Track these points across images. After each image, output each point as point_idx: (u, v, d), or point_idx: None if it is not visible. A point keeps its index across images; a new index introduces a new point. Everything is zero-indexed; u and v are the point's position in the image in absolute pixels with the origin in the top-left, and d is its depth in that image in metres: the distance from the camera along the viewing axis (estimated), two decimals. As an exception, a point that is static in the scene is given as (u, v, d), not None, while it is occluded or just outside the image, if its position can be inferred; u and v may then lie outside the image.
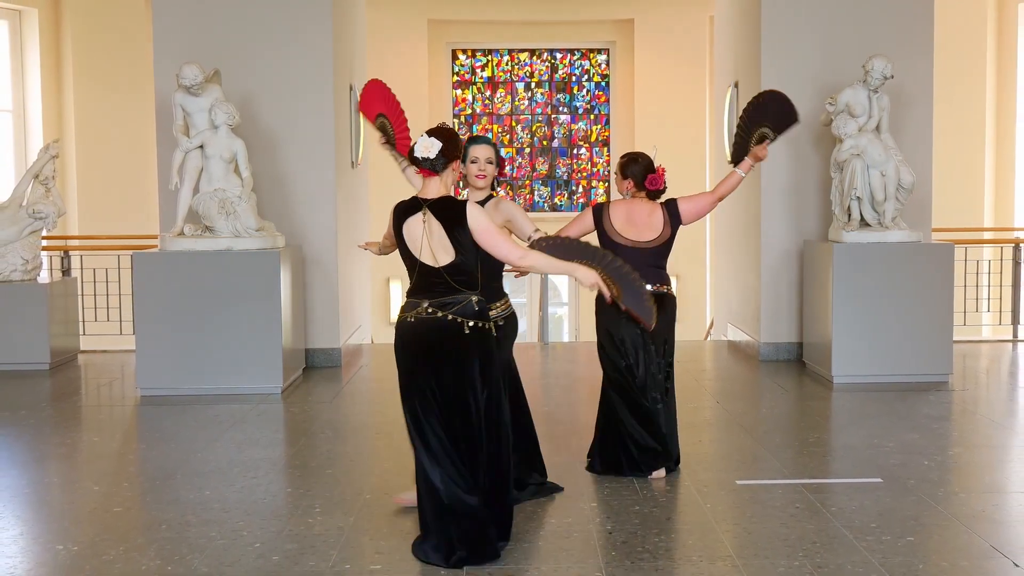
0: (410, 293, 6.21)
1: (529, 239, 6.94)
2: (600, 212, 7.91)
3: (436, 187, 6.17)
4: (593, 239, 7.42)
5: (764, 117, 8.30)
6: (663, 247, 7.80)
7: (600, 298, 7.30)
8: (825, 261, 11.35)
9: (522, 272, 6.49)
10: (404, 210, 6.19)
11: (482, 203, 6.91)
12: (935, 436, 8.99)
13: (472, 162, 6.93)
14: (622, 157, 8.02)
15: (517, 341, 6.96)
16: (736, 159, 8.33)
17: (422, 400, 6.12)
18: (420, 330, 6.13)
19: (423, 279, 6.16)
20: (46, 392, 11.39)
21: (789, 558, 6.06)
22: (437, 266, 6.12)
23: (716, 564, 6.00)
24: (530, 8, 22.95)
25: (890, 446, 8.56)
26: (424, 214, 6.11)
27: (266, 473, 7.93)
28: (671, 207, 7.86)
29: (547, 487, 7.30)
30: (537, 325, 16.83)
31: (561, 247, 6.69)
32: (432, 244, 6.11)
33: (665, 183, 7.86)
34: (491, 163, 6.91)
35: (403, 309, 6.22)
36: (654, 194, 7.87)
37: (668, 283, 7.82)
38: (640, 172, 7.85)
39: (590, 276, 6.24)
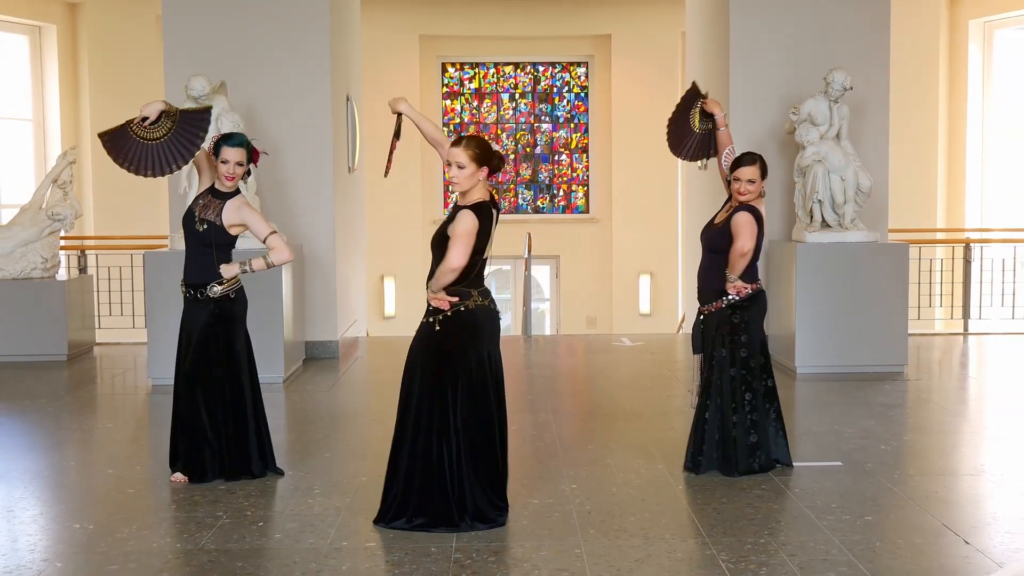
0: (455, 284, 6.24)
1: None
2: (760, 216, 7.35)
3: (484, 188, 6.31)
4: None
5: (685, 107, 8.34)
6: None
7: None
8: (789, 260, 11.37)
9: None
10: (488, 212, 6.24)
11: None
12: (891, 423, 9.01)
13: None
14: (750, 162, 7.36)
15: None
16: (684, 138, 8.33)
17: (468, 382, 6.27)
18: (481, 317, 6.31)
19: (477, 272, 6.28)
20: (64, 382, 11.37)
21: (756, 536, 6.07)
22: (486, 258, 6.32)
23: (687, 541, 6.01)
24: (515, 24, 22.95)
25: (850, 432, 8.58)
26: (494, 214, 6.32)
27: (269, 457, 7.92)
28: None
29: None
30: (521, 319, 16.82)
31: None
32: (492, 238, 6.33)
33: None
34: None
35: (468, 298, 6.27)
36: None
37: None
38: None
39: None
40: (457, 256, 6.10)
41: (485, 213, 6.20)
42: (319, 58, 12.24)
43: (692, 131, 8.18)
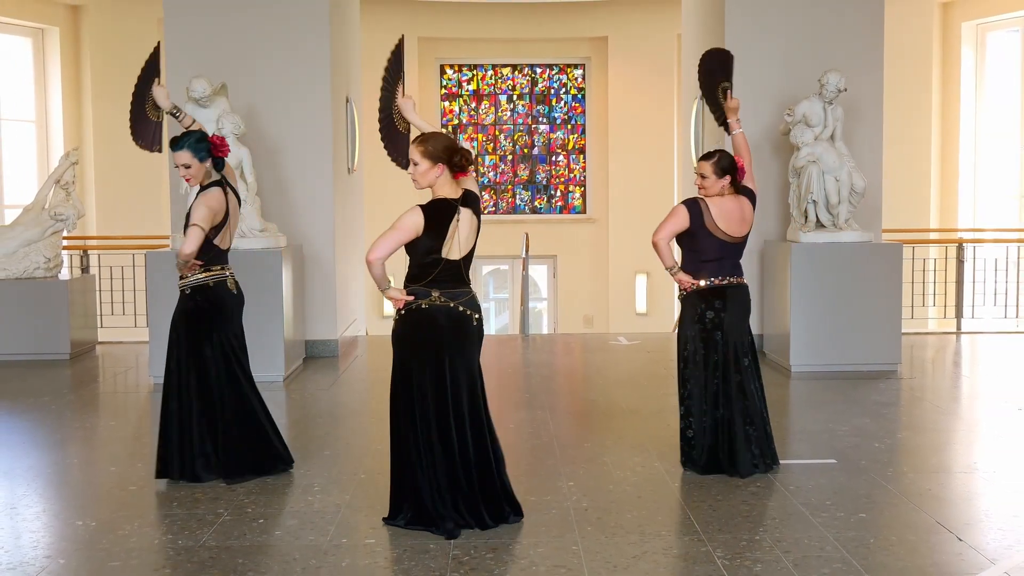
0: (415, 283, 6.13)
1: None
2: (698, 209, 7.26)
3: (454, 186, 6.18)
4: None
5: (713, 75, 8.46)
6: (746, 238, 7.43)
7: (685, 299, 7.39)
8: (784, 259, 11.37)
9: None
10: (444, 210, 6.08)
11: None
12: (885, 420, 9.01)
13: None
14: (707, 158, 7.38)
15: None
16: (721, 121, 8.30)
17: (428, 384, 6.13)
18: (437, 317, 6.12)
19: (440, 272, 6.09)
20: (67, 380, 11.37)
21: (751, 532, 6.08)
22: (458, 259, 6.13)
23: (683, 538, 6.01)
24: (512, 26, 22.97)
25: (844, 430, 8.58)
26: (459, 212, 6.10)
27: (269, 455, 7.92)
28: (749, 193, 7.45)
29: None
30: (518, 318, 16.82)
31: None
32: (461, 238, 6.11)
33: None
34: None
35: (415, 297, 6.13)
36: (738, 185, 7.40)
37: (743, 274, 7.49)
38: (733, 167, 7.34)
39: None
40: (375, 248, 6.01)
41: (439, 211, 6.08)
42: (319, 60, 12.24)
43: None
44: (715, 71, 8.52)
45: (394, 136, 7.11)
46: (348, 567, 5.61)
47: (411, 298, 6.12)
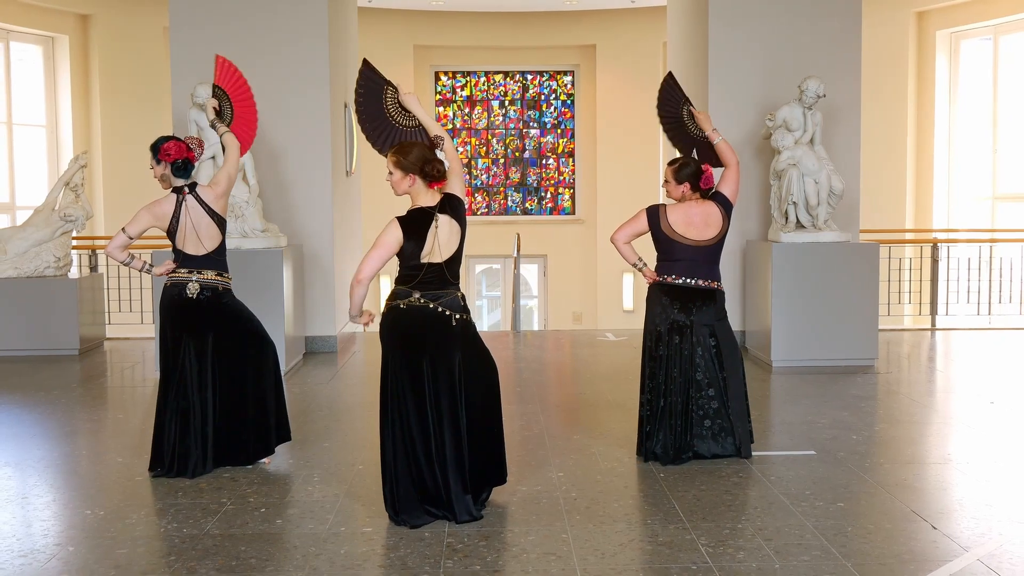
0: (402, 284, 6.11)
1: None
2: (656, 214, 7.37)
3: (431, 194, 6.16)
4: (641, 241, 7.39)
5: (671, 101, 8.29)
6: (721, 242, 7.41)
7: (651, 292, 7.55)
8: (765, 259, 11.38)
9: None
10: (420, 219, 6.06)
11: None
12: (863, 413, 9.02)
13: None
14: (671, 164, 7.47)
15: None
16: (701, 138, 8.01)
17: (400, 380, 6.11)
18: (414, 316, 6.09)
19: (425, 275, 6.06)
20: (76, 375, 11.35)
21: (733, 521, 6.08)
22: (440, 262, 6.10)
23: (668, 527, 6.00)
24: (504, 35, 22.98)
25: (823, 422, 8.58)
26: (437, 219, 6.08)
27: (271, 447, 7.91)
28: (722, 199, 7.42)
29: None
30: (510, 315, 16.82)
31: None
32: (441, 243, 6.08)
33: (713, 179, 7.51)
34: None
35: (393, 296, 6.14)
36: (705, 192, 7.42)
37: (720, 280, 7.49)
38: (694, 175, 7.37)
39: None
40: (363, 268, 6.02)
41: (415, 220, 6.08)
42: (318, 67, 12.23)
43: (691, 136, 8.18)
44: (669, 101, 8.31)
45: (386, 128, 6.99)
46: (346, 554, 5.61)
47: (372, 319, 6.19)
